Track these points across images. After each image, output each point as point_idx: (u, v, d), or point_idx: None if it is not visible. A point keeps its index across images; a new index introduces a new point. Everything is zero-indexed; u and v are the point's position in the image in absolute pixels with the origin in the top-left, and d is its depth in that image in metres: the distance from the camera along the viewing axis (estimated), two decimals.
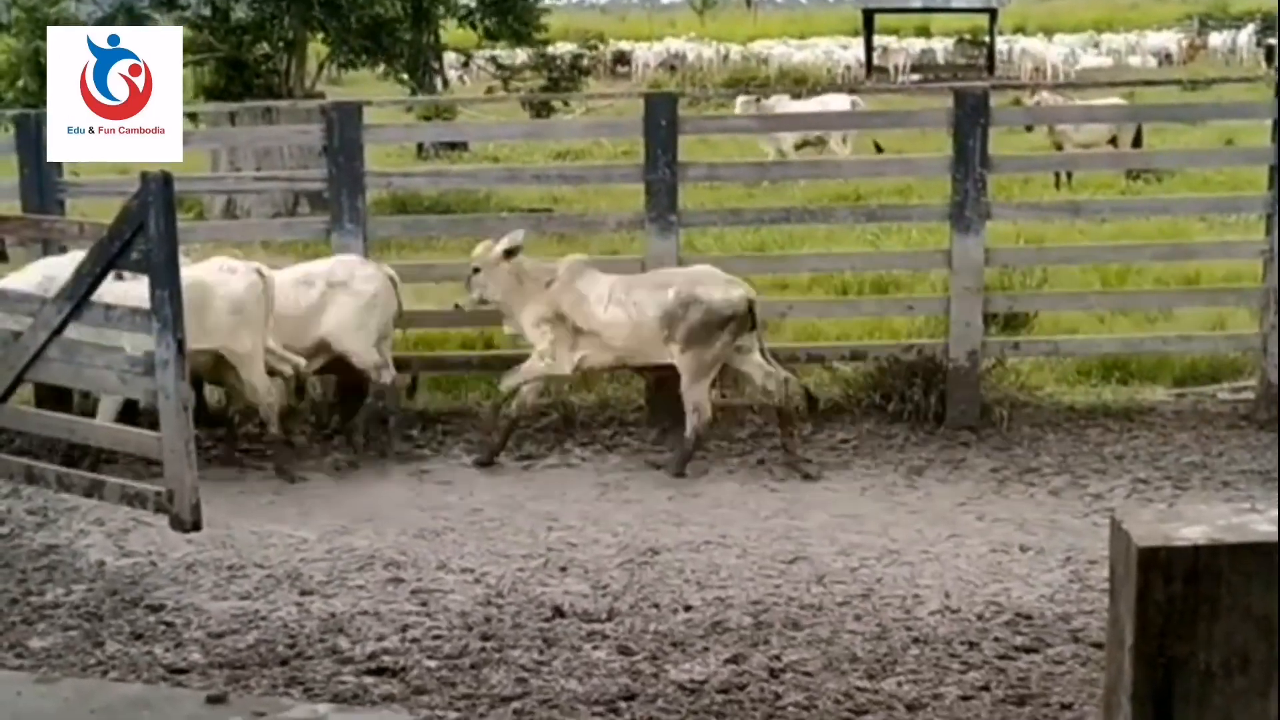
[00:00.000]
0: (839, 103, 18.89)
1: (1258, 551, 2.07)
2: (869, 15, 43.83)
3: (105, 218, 7.17)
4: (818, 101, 19.10)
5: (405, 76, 20.25)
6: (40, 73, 12.45)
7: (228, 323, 8.07)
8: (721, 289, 8.38)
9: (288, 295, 8.50)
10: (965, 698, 5.50)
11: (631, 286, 8.53)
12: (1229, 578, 2.06)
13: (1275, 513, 2.14)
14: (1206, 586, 2.06)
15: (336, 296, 8.63)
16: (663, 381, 8.82)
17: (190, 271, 7.56)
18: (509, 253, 8.58)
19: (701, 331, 8.29)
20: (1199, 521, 2.13)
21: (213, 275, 8.15)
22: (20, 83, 15.46)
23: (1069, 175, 16.96)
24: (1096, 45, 47.00)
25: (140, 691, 5.55)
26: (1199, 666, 2.07)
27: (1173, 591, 2.06)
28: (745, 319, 8.36)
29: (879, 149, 18.31)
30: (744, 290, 8.42)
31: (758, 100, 19.04)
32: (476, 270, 8.67)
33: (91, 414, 8.22)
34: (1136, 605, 2.07)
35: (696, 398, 8.35)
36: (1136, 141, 17.59)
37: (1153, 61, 44.23)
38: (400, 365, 9.53)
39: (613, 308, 8.43)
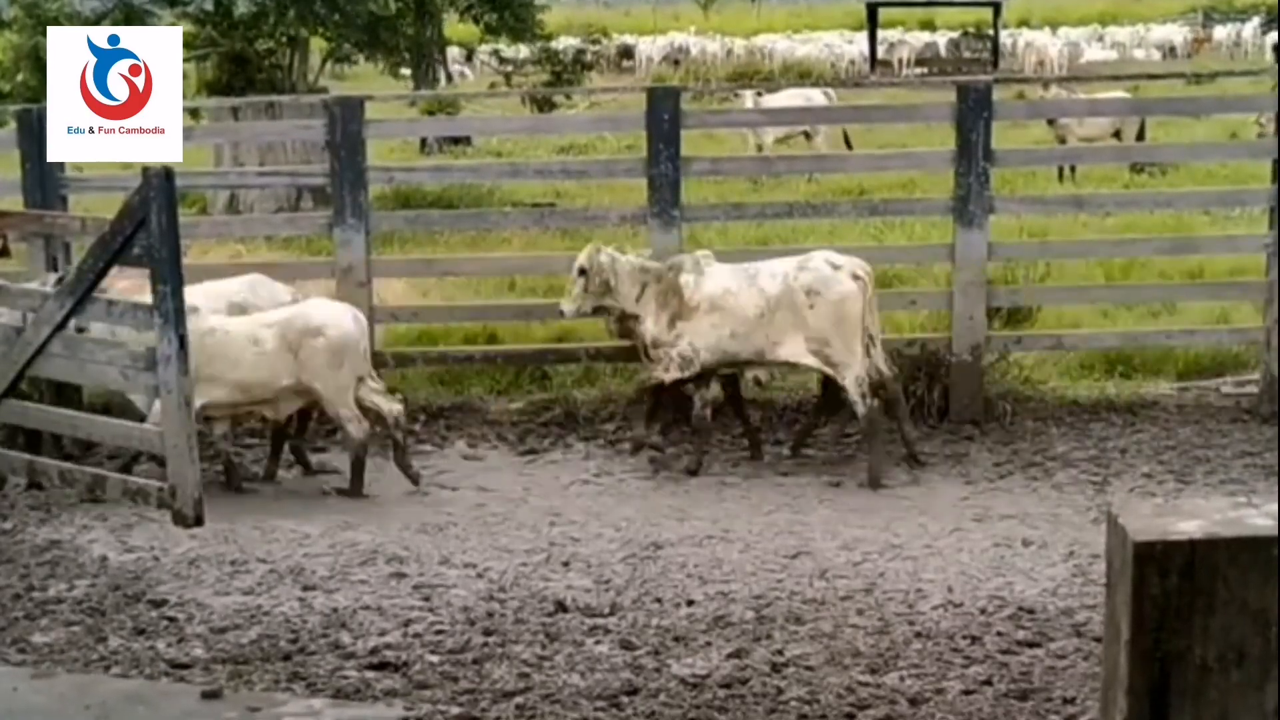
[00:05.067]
0: (815, 98, 18.90)
1: (1254, 545, 2.06)
2: (872, 9, 43.74)
3: (108, 213, 7.18)
4: (796, 95, 19.09)
5: (406, 71, 20.22)
6: (40, 68, 12.46)
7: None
8: None
9: None
10: (967, 692, 5.50)
11: None
12: (1225, 572, 2.06)
13: (1272, 506, 2.13)
14: (1203, 581, 2.05)
15: None
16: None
17: None
18: None
19: None
20: (1195, 515, 2.13)
21: None
22: (20, 78, 15.46)
23: (1072, 169, 16.95)
24: (1101, 39, 46.90)
25: (136, 687, 5.56)
26: (1195, 661, 2.07)
27: (1169, 586, 2.06)
28: None
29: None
30: None
31: (759, 94, 19.07)
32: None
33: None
34: (1132, 600, 2.07)
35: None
36: (1140, 135, 17.58)
37: (1157, 55, 44.13)
38: (403, 361, 9.55)
39: None
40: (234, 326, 7.92)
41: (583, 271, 8.27)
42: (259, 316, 8.11)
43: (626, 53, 45.03)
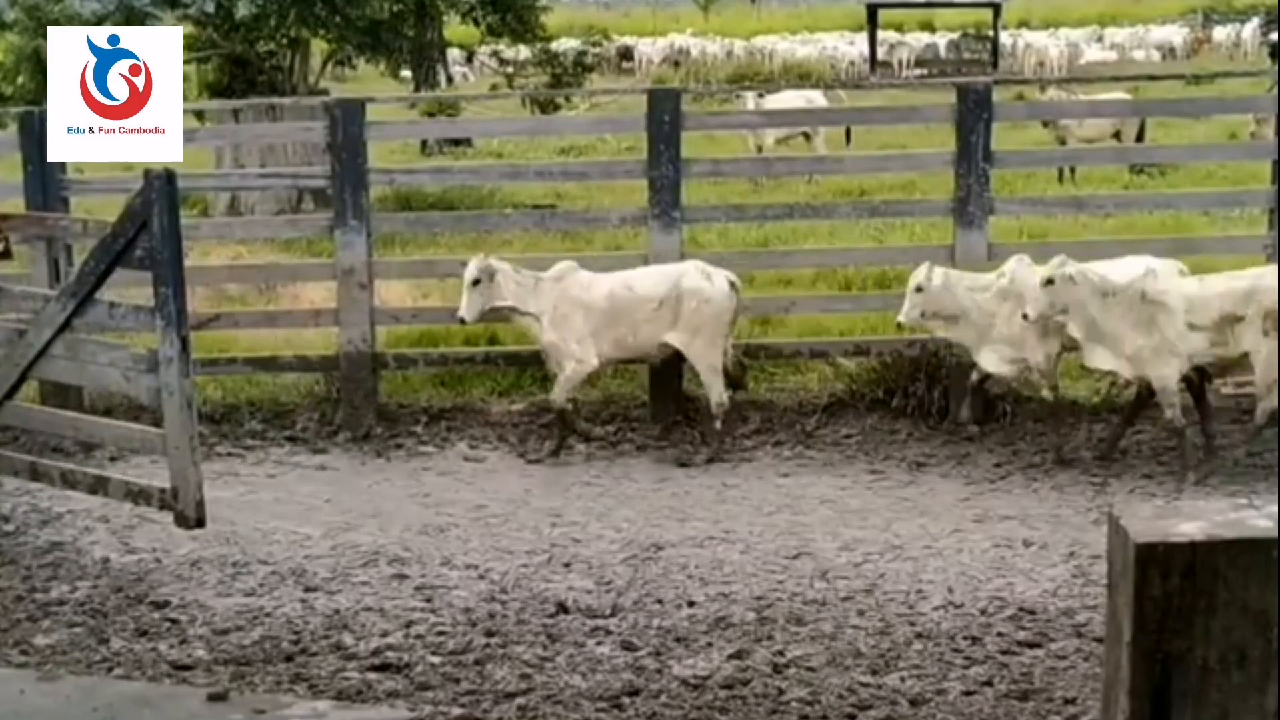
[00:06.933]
0: (816, 99, 18.92)
1: (1255, 547, 2.07)
2: (872, 10, 43.73)
3: (109, 215, 7.19)
4: (796, 96, 19.10)
5: (406, 73, 20.21)
6: (40, 71, 12.46)
7: None
8: None
9: None
10: (968, 693, 5.51)
11: None
12: (1226, 573, 2.06)
13: (1273, 508, 2.14)
14: (1204, 582, 2.06)
15: None
16: (664, 375, 8.81)
17: None
18: None
19: None
20: (1196, 517, 2.13)
21: None
22: (20, 80, 15.47)
23: (1072, 170, 16.95)
24: (1100, 40, 46.89)
25: (141, 689, 5.57)
26: (1196, 662, 2.07)
27: (1170, 587, 2.06)
28: None
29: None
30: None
31: (759, 95, 19.09)
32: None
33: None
34: (1134, 601, 2.07)
35: None
36: (1140, 136, 17.58)
37: (1157, 56, 44.11)
38: (404, 362, 9.55)
39: None
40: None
41: None
42: None
43: (626, 54, 45.02)
